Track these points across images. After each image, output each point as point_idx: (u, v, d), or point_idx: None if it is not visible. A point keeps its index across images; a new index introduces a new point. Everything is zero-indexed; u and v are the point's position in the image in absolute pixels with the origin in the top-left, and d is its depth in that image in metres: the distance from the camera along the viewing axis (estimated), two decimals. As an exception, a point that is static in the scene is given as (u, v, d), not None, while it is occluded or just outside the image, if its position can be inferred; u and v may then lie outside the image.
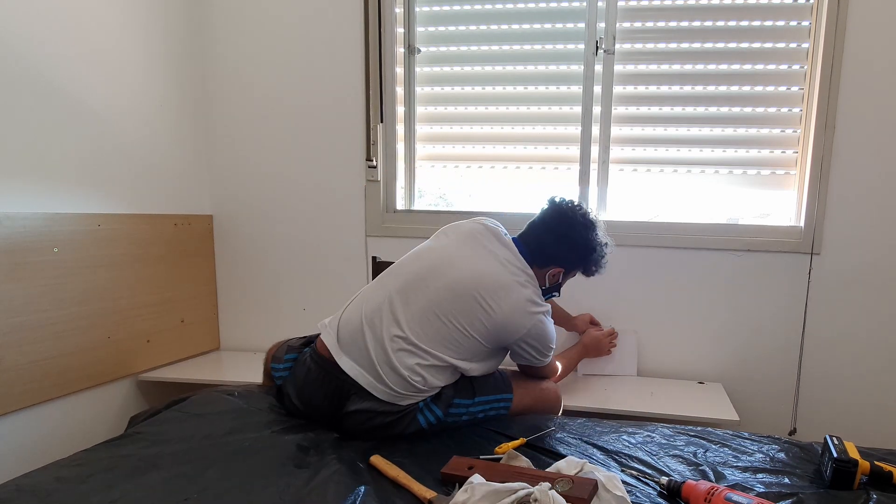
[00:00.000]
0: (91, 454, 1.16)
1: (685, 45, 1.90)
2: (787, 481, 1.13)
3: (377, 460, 1.15)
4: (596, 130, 1.97)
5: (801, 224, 1.86)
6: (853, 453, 1.11)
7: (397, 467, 1.12)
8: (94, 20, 1.72)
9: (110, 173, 1.79)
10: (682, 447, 1.28)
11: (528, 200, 2.10)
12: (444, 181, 2.23)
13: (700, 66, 1.90)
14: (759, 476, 1.15)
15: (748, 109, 1.89)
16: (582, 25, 1.93)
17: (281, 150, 2.15)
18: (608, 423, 1.40)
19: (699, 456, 1.24)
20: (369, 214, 2.11)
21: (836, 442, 1.16)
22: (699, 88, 1.91)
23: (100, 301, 1.74)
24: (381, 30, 2.01)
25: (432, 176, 2.18)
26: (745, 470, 1.18)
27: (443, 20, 2.06)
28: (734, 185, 1.93)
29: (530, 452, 1.22)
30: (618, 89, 1.95)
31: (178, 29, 2.03)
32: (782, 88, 1.87)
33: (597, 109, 1.95)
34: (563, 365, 1.70)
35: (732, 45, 1.87)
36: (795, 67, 1.85)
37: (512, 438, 1.28)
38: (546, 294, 1.47)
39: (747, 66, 1.87)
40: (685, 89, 1.92)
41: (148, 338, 1.93)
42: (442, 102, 2.10)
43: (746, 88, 1.88)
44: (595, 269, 1.51)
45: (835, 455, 1.10)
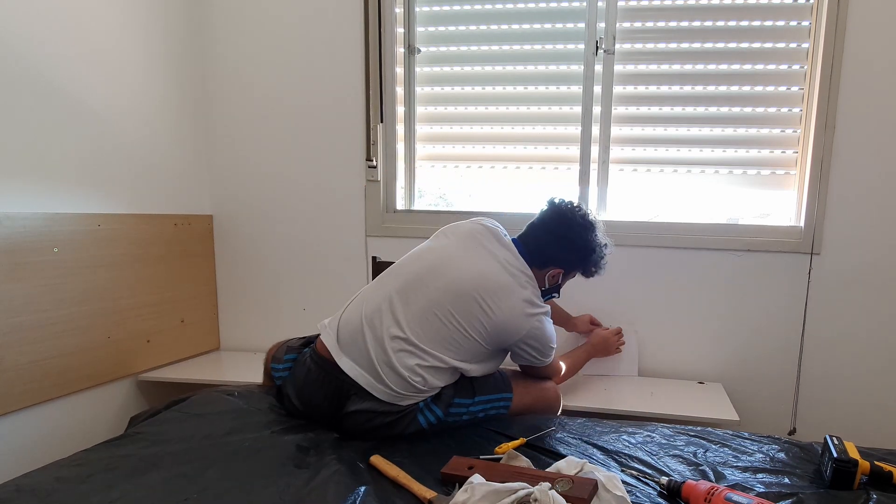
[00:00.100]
0: (91, 454, 1.16)
1: (685, 45, 1.90)
2: (787, 481, 1.13)
3: (377, 460, 1.15)
4: (596, 130, 1.97)
5: (801, 224, 1.86)
6: (853, 453, 1.11)
7: (397, 467, 1.12)
8: (94, 20, 1.72)
9: (110, 173, 1.79)
10: (682, 447, 1.28)
11: (527, 201, 2.10)
12: (444, 181, 2.22)
13: (700, 66, 1.90)
14: (759, 476, 1.15)
15: (748, 109, 1.89)
16: (582, 25, 1.94)
17: (281, 150, 2.15)
18: (608, 423, 1.40)
19: (699, 456, 1.24)
20: (369, 214, 2.11)
21: (836, 442, 1.16)
22: (699, 88, 1.91)
23: (100, 301, 1.74)
24: (381, 30, 2.01)
25: (432, 176, 2.18)
26: (745, 470, 1.18)
27: (443, 20, 2.06)
28: (734, 185, 1.93)
29: (530, 452, 1.22)
30: (618, 89, 1.95)
31: (178, 29, 2.03)
32: (782, 88, 1.87)
33: (597, 109, 1.95)
34: (567, 365, 1.66)
35: (732, 45, 1.87)
36: (795, 67, 1.85)
37: (512, 438, 1.28)
38: (545, 295, 1.47)
39: (747, 66, 1.87)
40: (685, 89, 1.92)
41: (148, 338, 1.93)
42: (442, 102, 2.10)
43: (746, 88, 1.88)
44: (594, 269, 1.51)
45: (835, 455, 1.10)
